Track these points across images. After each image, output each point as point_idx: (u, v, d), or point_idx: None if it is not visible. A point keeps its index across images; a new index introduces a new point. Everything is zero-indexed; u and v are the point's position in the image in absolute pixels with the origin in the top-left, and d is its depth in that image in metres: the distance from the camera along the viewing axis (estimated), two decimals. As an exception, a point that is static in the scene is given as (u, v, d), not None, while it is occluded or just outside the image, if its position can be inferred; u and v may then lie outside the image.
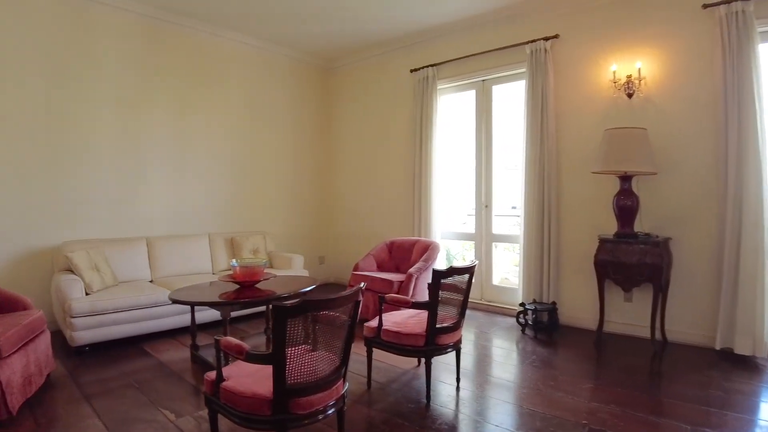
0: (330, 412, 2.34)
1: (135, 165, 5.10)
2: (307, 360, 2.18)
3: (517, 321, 4.58)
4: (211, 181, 5.72)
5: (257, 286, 3.84)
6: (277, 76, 6.39)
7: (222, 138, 5.82)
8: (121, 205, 5.02)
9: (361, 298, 2.36)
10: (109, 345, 4.14)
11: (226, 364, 2.56)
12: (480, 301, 5.37)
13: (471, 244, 5.61)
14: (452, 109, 5.81)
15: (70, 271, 4.20)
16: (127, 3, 4.89)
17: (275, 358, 2.06)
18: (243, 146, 6.03)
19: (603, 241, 4.08)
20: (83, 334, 3.92)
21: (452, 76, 5.49)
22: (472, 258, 5.58)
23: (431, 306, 2.99)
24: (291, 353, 2.11)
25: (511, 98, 5.26)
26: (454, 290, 3.23)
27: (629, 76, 4.22)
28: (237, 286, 3.78)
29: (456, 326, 3.17)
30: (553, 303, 4.53)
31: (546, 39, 4.62)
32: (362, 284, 2.40)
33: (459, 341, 3.26)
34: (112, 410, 2.96)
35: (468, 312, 5.11)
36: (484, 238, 5.40)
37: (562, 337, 4.38)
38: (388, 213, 6.26)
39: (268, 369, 2.11)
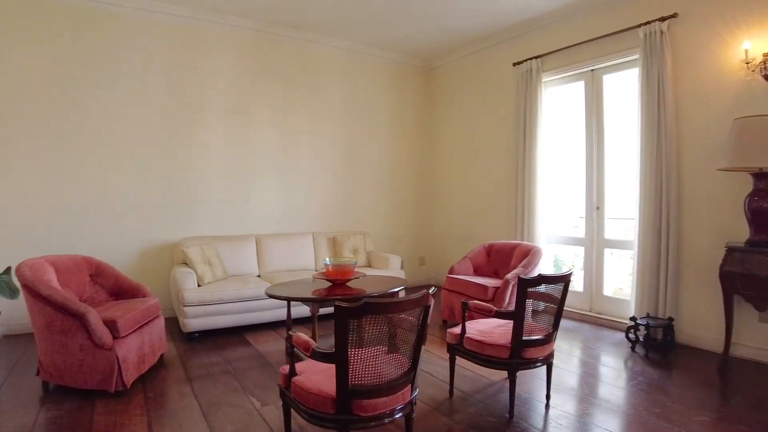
0: (398, 416, 2.26)
1: (245, 168, 5.51)
2: (371, 362, 2.12)
3: (627, 337, 4.07)
4: (314, 182, 5.99)
5: (348, 284, 3.90)
6: (376, 79, 6.48)
7: (324, 141, 6.05)
8: (233, 205, 5.46)
9: (430, 302, 2.25)
10: (216, 333, 4.49)
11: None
12: (589, 313, 4.90)
13: (581, 249, 5.13)
14: (558, 102, 5.39)
15: (186, 264, 4.64)
16: (234, 20, 5.31)
17: (337, 358, 2.04)
18: (344, 149, 6.22)
19: (731, 250, 3.46)
20: (193, 321, 4.31)
21: (558, 68, 5.09)
22: (580, 265, 5.12)
23: (517, 316, 2.77)
24: (354, 354, 2.07)
25: (624, 88, 4.71)
26: (546, 300, 2.97)
27: (767, 54, 3.54)
28: (329, 284, 3.88)
29: (547, 339, 2.90)
30: (670, 318, 3.94)
31: (662, 19, 4.05)
32: (432, 288, 2.29)
33: (550, 355, 2.97)
34: (208, 392, 3.19)
35: (574, 324, 4.76)
36: (595, 243, 4.90)
37: (679, 359, 3.79)
38: (490, 215, 6.01)
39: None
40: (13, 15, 4.34)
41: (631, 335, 4.02)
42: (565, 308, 4.92)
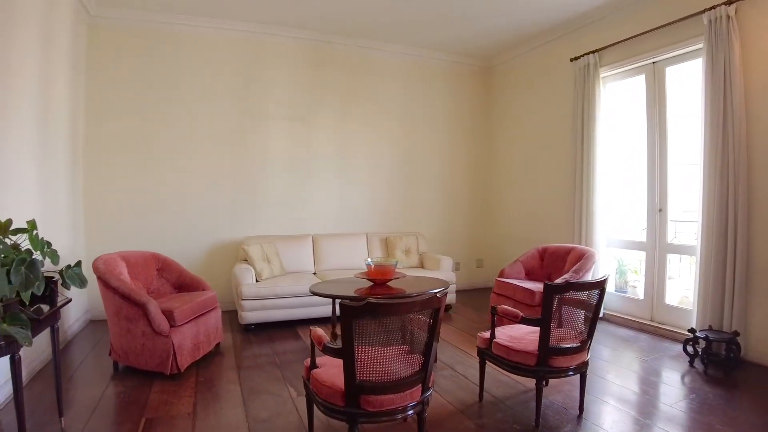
0: (410, 413, 2.32)
1: (304, 172, 5.82)
2: (379, 359, 2.20)
3: (684, 350, 3.76)
4: (370, 184, 6.16)
5: (389, 284, 3.99)
6: (432, 80, 6.51)
7: (380, 144, 6.20)
8: (293, 207, 5.79)
9: (440, 305, 2.28)
10: (270, 326, 4.78)
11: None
12: (649, 323, 4.58)
13: (642, 254, 4.82)
14: (618, 98, 5.09)
15: (246, 261, 4.98)
16: (294, 32, 5.62)
17: (344, 354, 2.14)
18: (400, 151, 6.32)
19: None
20: (250, 314, 4.63)
21: (616, 62, 4.80)
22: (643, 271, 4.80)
23: (543, 323, 2.70)
24: (361, 351, 2.16)
25: (689, 80, 4.36)
26: (579, 306, 2.87)
27: None
28: (371, 283, 4.00)
29: (579, 348, 2.79)
30: (735, 333, 3.57)
31: (728, 2, 3.68)
32: (442, 289, 2.32)
33: (583, 365, 2.86)
34: (251, 380, 3.44)
35: (631, 334, 4.51)
36: (657, 247, 4.58)
37: (744, 378, 3.43)
38: (549, 216, 5.81)
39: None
40: (111, 39, 4.97)
41: (690, 348, 3.72)
42: (623, 317, 4.76)
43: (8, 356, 2.19)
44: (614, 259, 5.27)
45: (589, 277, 4.27)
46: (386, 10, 5.09)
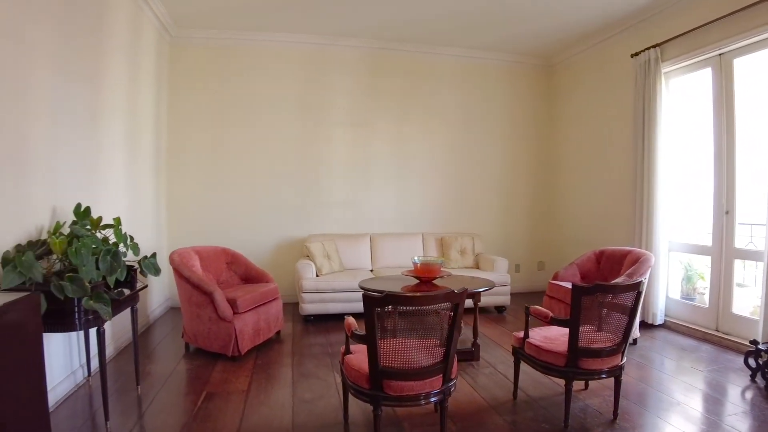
0: (433, 400, 2.47)
1: (363, 174, 6.13)
2: (400, 348, 2.37)
3: (746, 363, 3.53)
4: (427, 185, 6.32)
5: (435, 282, 4.14)
6: (489, 81, 6.52)
7: (438, 146, 6.34)
8: (353, 207, 6.11)
9: (459, 300, 2.41)
10: (327, 317, 5.09)
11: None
12: (713, 332, 4.31)
13: (708, 259, 4.54)
14: (681, 94, 4.81)
15: (308, 257, 5.35)
16: (354, 41, 5.95)
17: (367, 340, 2.34)
18: (457, 152, 6.42)
19: None
20: (309, 306, 4.99)
21: (679, 55, 4.55)
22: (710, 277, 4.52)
23: (572, 324, 2.73)
24: (384, 339, 2.36)
25: (760, 72, 4.05)
26: (614, 309, 2.86)
27: None
28: (417, 281, 4.17)
29: (613, 351, 2.78)
30: (802, 346, 3.32)
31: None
32: (462, 288, 2.44)
33: (617, 368, 2.83)
34: (303, 366, 3.75)
35: (692, 343, 4.32)
36: (723, 252, 4.30)
37: (815, 398, 3.18)
38: (610, 218, 5.61)
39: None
40: (189, 57, 5.60)
41: (751, 362, 3.48)
42: (686, 325, 4.54)
43: (95, 329, 2.63)
44: (680, 264, 5.00)
45: (644, 281, 4.13)
46: (442, 16, 5.23)
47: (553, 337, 3.04)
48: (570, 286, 4.44)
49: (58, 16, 3.02)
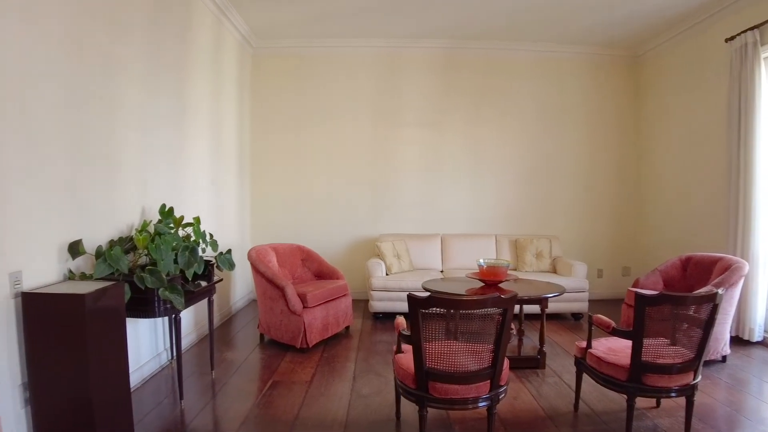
0: (481, 405, 2.45)
1: (435, 174, 6.13)
2: (445, 350, 2.38)
3: None
4: (500, 185, 6.16)
5: (501, 285, 4.06)
6: (566, 75, 6.18)
7: (512, 145, 6.15)
8: (425, 207, 6.14)
9: (509, 306, 2.36)
10: (396, 316, 5.13)
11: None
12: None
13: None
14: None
15: (378, 256, 5.48)
16: (425, 42, 5.95)
17: (412, 340, 2.38)
18: (532, 151, 6.18)
19: None
20: (378, 304, 5.11)
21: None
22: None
23: (635, 336, 2.56)
24: (427, 340, 2.37)
25: None
26: (687, 322, 2.63)
27: None
28: (482, 284, 4.11)
29: (684, 368, 2.56)
30: None
31: None
32: (511, 294, 2.39)
33: (689, 387, 2.60)
34: (366, 362, 3.86)
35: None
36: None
37: None
38: (702, 221, 5.08)
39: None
40: (269, 65, 5.99)
41: None
42: None
43: (173, 316, 2.94)
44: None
45: (736, 292, 3.73)
46: (518, 11, 5.07)
47: (617, 348, 2.87)
48: (642, 293, 4.15)
49: (144, 37, 3.40)
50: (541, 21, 5.37)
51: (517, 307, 4.37)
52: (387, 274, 5.28)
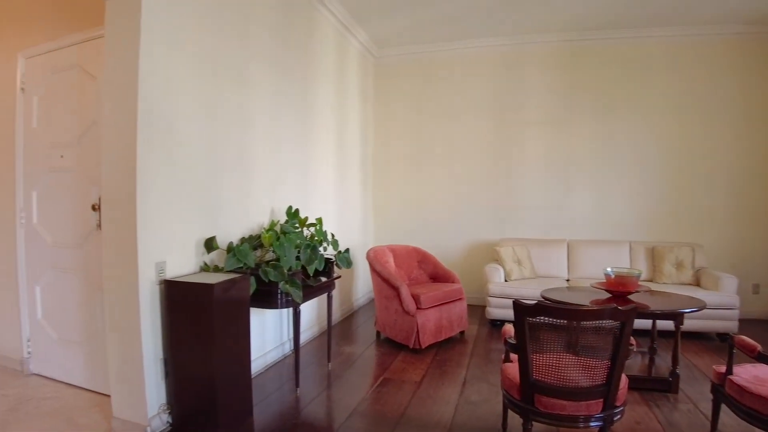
0: (593, 425, 2.27)
1: (560, 175, 5.76)
2: (554, 362, 2.25)
3: None
4: (634, 187, 5.54)
5: (630, 297, 3.69)
6: (715, 62, 5.30)
7: (646, 142, 5.50)
8: (549, 211, 5.79)
9: (627, 320, 2.14)
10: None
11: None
12: None
13: None
14: None
15: (497, 261, 5.32)
16: (545, 36, 5.64)
17: (519, 349, 2.29)
18: (672, 149, 5.43)
19: None
20: (494, 310, 4.96)
21: None
22: None
23: (794, 363, 2.15)
24: (533, 350, 2.26)
25: None
26: None
27: None
28: (608, 295, 3.78)
29: None
30: None
31: None
32: (630, 306, 2.17)
33: None
34: (477, 368, 3.79)
35: None
36: None
37: None
38: None
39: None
40: (390, 73, 6.19)
41: None
42: None
43: (292, 309, 3.19)
44: None
45: None
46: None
47: (766, 378, 2.43)
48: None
49: (271, 53, 3.76)
50: (675, 2, 4.73)
51: (649, 322, 3.96)
52: (506, 281, 5.10)
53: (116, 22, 2.47)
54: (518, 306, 2.24)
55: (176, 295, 2.52)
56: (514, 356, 2.68)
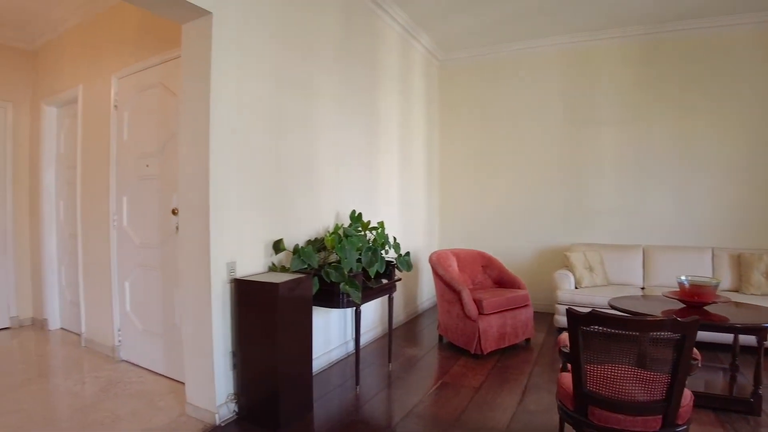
0: (653, 444, 2.19)
1: (635, 177, 5.43)
2: (609, 374, 2.19)
3: None
4: (717, 189, 5.08)
5: (707, 308, 3.44)
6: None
7: (733, 139, 5.01)
8: (623, 215, 5.49)
9: (688, 332, 2.04)
10: (583, 334, 4.79)
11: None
12: None
13: None
14: None
15: (567, 267, 5.15)
16: (616, 32, 5.37)
17: (572, 358, 2.25)
18: (762, 147, 4.93)
19: None
20: (563, 318, 4.80)
21: None
22: None
23: None
24: (587, 360, 2.21)
25: None
26: None
27: None
28: (682, 305, 3.55)
29: None
30: None
31: None
32: (694, 318, 2.06)
33: None
34: (539, 377, 3.71)
35: None
36: None
37: None
38: None
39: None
40: (454, 75, 6.20)
41: None
42: None
43: (354, 309, 3.33)
44: None
45: None
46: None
47: None
48: None
49: (337, 63, 3.95)
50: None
51: (730, 337, 3.66)
52: (576, 288, 4.93)
53: (191, 43, 2.75)
54: (571, 314, 2.21)
55: (245, 293, 2.74)
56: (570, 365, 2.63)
